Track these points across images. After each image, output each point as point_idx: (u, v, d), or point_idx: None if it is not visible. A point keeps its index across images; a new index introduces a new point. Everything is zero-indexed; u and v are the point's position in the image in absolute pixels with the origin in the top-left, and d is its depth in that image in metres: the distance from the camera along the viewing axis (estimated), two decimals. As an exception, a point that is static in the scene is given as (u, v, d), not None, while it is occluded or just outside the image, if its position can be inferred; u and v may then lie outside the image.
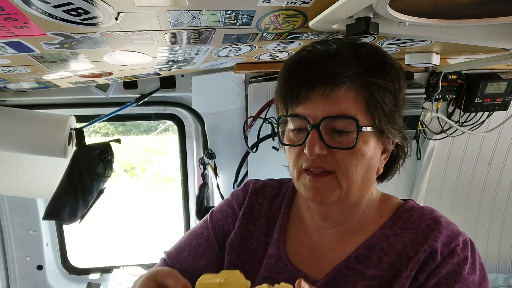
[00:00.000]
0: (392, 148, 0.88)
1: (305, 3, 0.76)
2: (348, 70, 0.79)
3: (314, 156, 0.79)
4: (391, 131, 0.84)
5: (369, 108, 0.80)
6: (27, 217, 2.21)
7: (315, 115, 0.79)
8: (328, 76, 0.78)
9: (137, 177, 8.74)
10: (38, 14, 0.67)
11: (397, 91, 0.83)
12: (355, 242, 0.89)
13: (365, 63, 0.80)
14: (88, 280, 2.40)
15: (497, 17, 0.88)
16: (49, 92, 1.90)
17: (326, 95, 0.78)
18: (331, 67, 0.79)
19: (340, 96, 0.78)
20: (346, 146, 0.79)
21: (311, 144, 0.78)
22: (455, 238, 0.82)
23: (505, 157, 2.38)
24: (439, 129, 2.19)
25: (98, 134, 7.84)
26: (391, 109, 0.82)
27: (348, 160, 0.80)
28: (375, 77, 0.79)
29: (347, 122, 0.78)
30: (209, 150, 2.06)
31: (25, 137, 1.71)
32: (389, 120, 0.83)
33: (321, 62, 0.81)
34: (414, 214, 0.89)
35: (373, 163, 0.84)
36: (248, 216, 1.00)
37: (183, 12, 0.76)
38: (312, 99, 0.80)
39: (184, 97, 2.09)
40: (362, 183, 0.84)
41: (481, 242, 2.57)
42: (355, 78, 0.79)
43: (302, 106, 0.81)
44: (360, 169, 0.81)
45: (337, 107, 0.78)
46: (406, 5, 0.81)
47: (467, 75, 2.05)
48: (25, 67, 1.12)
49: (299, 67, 0.83)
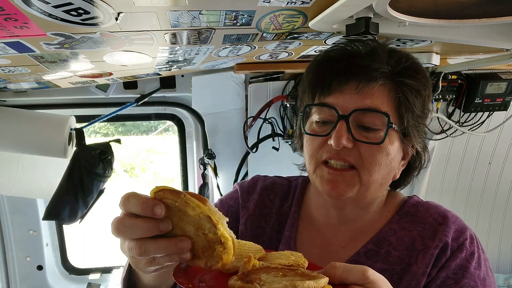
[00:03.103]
0: (412, 154, 0.88)
1: (305, 3, 0.76)
2: (385, 67, 0.79)
3: (339, 148, 0.78)
4: (415, 136, 0.85)
5: (399, 108, 0.80)
6: (27, 217, 2.21)
7: (346, 107, 0.79)
8: (363, 70, 0.79)
9: (137, 177, 8.74)
10: (38, 14, 0.67)
11: (426, 98, 0.84)
12: (365, 239, 0.89)
13: (401, 64, 0.81)
14: (88, 280, 2.40)
15: (497, 17, 0.88)
16: (49, 92, 1.90)
17: (360, 88, 0.78)
18: (368, 62, 0.79)
19: (374, 91, 0.79)
20: (374, 141, 0.79)
21: (339, 135, 0.77)
22: (463, 232, 0.84)
23: (505, 157, 2.38)
24: (439, 129, 2.19)
25: (98, 134, 7.84)
26: (419, 114, 0.83)
27: (373, 157, 0.79)
28: (409, 79, 0.80)
29: (377, 117, 0.78)
30: (209, 150, 2.06)
31: (25, 137, 1.71)
32: (415, 124, 0.84)
33: (355, 57, 0.81)
34: (420, 209, 0.90)
35: (394, 166, 0.84)
36: (260, 212, 0.99)
37: (183, 12, 0.76)
38: (343, 91, 0.79)
39: (184, 97, 2.09)
40: (380, 184, 0.84)
41: (481, 242, 2.56)
42: (390, 76, 0.80)
43: (332, 96, 0.81)
44: (383, 168, 0.81)
45: (369, 101, 0.78)
46: (406, 5, 0.81)
47: (467, 75, 2.05)
48: (25, 67, 1.12)
49: (332, 60, 0.83)
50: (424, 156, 0.91)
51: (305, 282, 0.55)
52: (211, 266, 0.60)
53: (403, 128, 0.82)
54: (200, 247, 0.60)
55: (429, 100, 0.86)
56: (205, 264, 0.60)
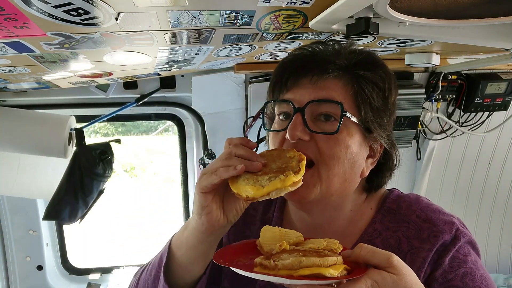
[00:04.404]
0: (379, 152, 0.87)
1: (305, 3, 0.76)
2: (339, 60, 0.81)
3: (295, 140, 0.78)
4: (377, 130, 0.83)
5: (356, 99, 0.81)
6: (27, 218, 2.21)
7: (302, 100, 0.80)
8: (317, 64, 0.80)
9: (137, 177, 8.75)
10: (38, 14, 0.67)
11: (386, 91, 0.84)
12: (349, 241, 0.88)
13: (358, 58, 0.82)
14: (88, 280, 2.40)
15: (497, 17, 0.88)
16: (49, 92, 1.90)
17: (314, 81, 0.80)
18: (324, 57, 0.82)
19: (328, 83, 0.80)
20: (329, 132, 0.79)
21: (293, 126, 0.78)
22: (451, 226, 0.83)
23: (505, 157, 2.38)
24: (439, 129, 2.19)
25: (98, 134, 7.85)
26: (379, 106, 0.83)
27: (331, 149, 0.79)
28: (365, 70, 0.81)
29: (332, 107, 0.79)
30: (209, 150, 2.06)
31: (25, 137, 1.71)
32: (375, 117, 0.83)
33: (316, 55, 0.83)
34: (402, 205, 0.89)
35: (357, 160, 0.82)
36: (243, 222, 0.99)
37: (183, 13, 0.76)
38: (299, 85, 0.81)
39: (184, 97, 2.09)
40: (345, 180, 0.82)
41: (481, 242, 2.56)
42: (345, 68, 0.81)
43: (290, 92, 0.83)
44: (343, 162, 0.80)
45: (325, 93, 0.80)
46: (406, 5, 0.81)
47: (467, 75, 2.05)
48: (25, 67, 1.12)
49: (292, 60, 0.85)
50: (394, 155, 0.90)
51: (310, 258, 0.60)
52: (266, 185, 0.69)
53: (362, 120, 0.81)
54: (273, 169, 0.72)
55: (392, 94, 0.86)
56: (261, 183, 0.70)
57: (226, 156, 0.75)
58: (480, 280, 0.79)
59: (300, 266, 0.60)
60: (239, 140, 0.77)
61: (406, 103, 1.95)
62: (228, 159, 0.74)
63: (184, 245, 0.83)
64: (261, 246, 0.74)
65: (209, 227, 0.77)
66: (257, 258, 0.66)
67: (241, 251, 0.75)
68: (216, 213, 0.76)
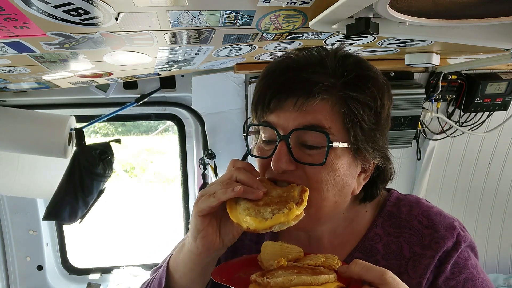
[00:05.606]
0: (371, 170, 0.83)
1: (305, 3, 0.76)
2: (326, 80, 0.74)
3: (280, 172, 0.74)
4: (369, 150, 0.78)
5: (345, 123, 0.75)
6: (27, 218, 2.21)
7: (286, 126, 0.75)
8: (302, 85, 0.74)
9: (137, 177, 8.75)
10: (38, 14, 0.67)
11: (379, 108, 0.77)
12: (348, 245, 0.87)
13: (347, 76, 0.75)
14: (88, 280, 2.41)
15: (497, 17, 0.88)
16: (49, 92, 1.90)
17: (299, 105, 0.73)
18: (308, 76, 0.75)
19: (314, 107, 0.73)
20: (316, 162, 0.73)
21: (277, 158, 0.74)
22: (452, 231, 0.82)
23: (505, 157, 2.39)
24: (439, 129, 2.19)
25: (98, 134, 7.85)
26: (371, 127, 0.77)
27: (318, 175, 0.74)
28: (354, 91, 0.74)
29: (318, 135, 0.73)
30: (209, 150, 2.06)
31: (25, 137, 1.71)
32: (367, 139, 0.77)
33: (299, 69, 0.76)
34: (403, 209, 0.87)
35: (346, 182, 0.78)
36: None
37: (183, 13, 0.76)
38: (283, 108, 0.75)
39: (184, 97, 2.09)
40: (335, 203, 0.78)
41: (481, 242, 2.57)
42: (332, 90, 0.74)
43: (274, 114, 0.76)
44: (331, 186, 0.76)
45: (310, 118, 0.74)
46: (406, 5, 0.81)
47: (467, 75, 2.05)
48: (25, 67, 1.12)
49: (275, 73, 0.79)
50: (388, 169, 0.86)
51: (301, 277, 0.62)
52: (269, 219, 0.69)
53: (352, 143, 0.76)
54: (274, 198, 0.72)
55: (384, 109, 0.79)
56: (262, 214, 0.69)
57: (227, 181, 0.73)
58: (481, 284, 0.79)
59: (291, 285, 0.61)
60: (243, 165, 0.75)
61: (406, 103, 1.95)
62: (228, 184, 0.72)
63: (181, 267, 0.82)
64: (262, 262, 0.74)
65: (204, 251, 0.76)
66: (253, 275, 0.66)
67: (242, 266, 0.75)
68: (212, 237, 0.75)
